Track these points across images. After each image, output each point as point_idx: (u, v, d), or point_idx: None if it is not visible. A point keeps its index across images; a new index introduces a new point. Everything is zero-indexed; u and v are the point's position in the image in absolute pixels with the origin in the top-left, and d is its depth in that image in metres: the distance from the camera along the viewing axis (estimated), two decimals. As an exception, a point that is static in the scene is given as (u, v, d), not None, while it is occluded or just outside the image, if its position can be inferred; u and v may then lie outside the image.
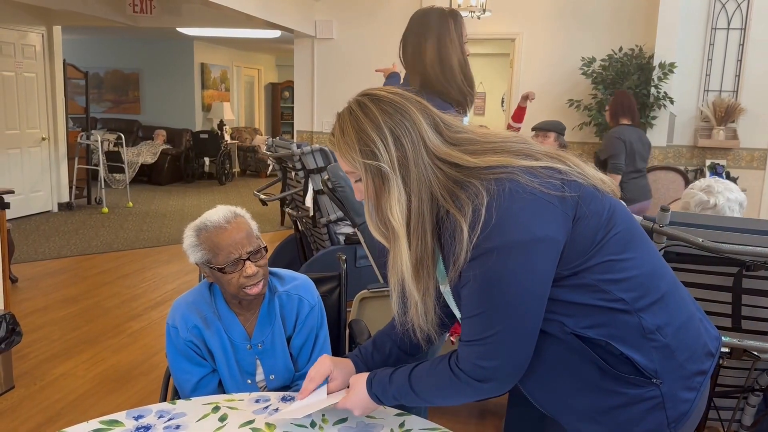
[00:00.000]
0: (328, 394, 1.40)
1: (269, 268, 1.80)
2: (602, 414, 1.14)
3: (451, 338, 2.59)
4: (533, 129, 4.17)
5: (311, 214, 3.92)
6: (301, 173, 3.87)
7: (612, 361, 1.12)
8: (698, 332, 1.19)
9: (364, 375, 1.32)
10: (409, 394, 1.24)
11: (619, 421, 1.14)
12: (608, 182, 1.19)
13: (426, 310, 1.20)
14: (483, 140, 1.17)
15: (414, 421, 1.41)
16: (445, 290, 1.24)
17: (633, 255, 1.13)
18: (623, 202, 1.23)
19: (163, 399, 1.87)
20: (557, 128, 4.11)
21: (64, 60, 7.78)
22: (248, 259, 1.64)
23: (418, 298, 1.18)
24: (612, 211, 1.13)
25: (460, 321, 1.21)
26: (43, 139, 7.57)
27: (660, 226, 1.89)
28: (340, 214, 3.82)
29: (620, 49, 5.98)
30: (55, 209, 7.79)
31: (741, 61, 5.82)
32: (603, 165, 4.05)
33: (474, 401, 1.21)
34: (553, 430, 1.29)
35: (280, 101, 13.56)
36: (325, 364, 1.41)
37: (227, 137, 10.97)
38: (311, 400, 1.39)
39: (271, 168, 10.40)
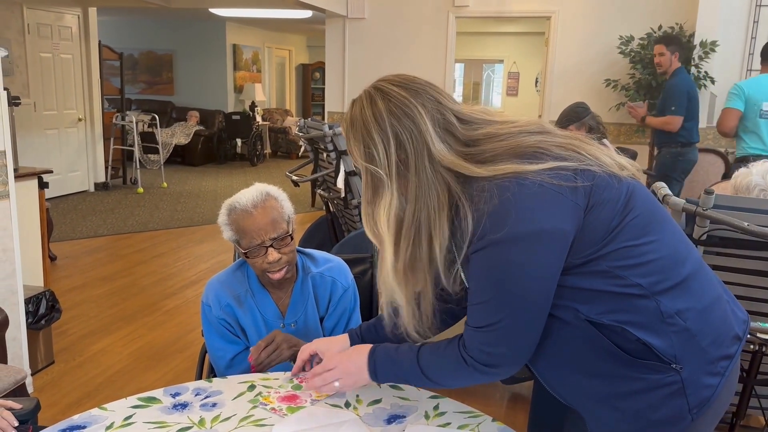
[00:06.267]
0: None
1: (303, 249, 1.80)
2: (620, 400, 1.13)
3: None
4: (556, 124, 3.73)
5: (343, 195, 3.91)
6: (332, 154, 3.86)
7: (628, 348, 1.09)
8: (724, 315, 1.16)
9: (367, 345, 1.31)
10: (416, 373, 1.23)
11: (638, 407, 1.11)
12: (629, 166, 1.15)
13: (421, 314, 1.21)
14: (501, 133, 1.13)
15: (448, 404, 1.41)
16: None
17: (652, 239, 1.10)
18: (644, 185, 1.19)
19: (199, 376, 1.89)
20: (573, 118, 3.57)
21: (100, 41, 7.87)
22: (271, 245, 1.63)
23: (402, 302, 1.20)
24: (629, 196, 1.10)
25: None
26: (80, 119, 7.70)
27: (703, 210, 1.84)
28: (371, 195, 3.80)
29: (659, 27, 5.80)
30: (92, 189, 7.94)
31: (787, 39, 5.60)
32: None
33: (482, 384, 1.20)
34: (576, 416, 1.27)
35: (310, 82, 13.58)
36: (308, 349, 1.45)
37: (259, 118, 11.03)
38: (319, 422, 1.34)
39: (302, 149, 10.40)
